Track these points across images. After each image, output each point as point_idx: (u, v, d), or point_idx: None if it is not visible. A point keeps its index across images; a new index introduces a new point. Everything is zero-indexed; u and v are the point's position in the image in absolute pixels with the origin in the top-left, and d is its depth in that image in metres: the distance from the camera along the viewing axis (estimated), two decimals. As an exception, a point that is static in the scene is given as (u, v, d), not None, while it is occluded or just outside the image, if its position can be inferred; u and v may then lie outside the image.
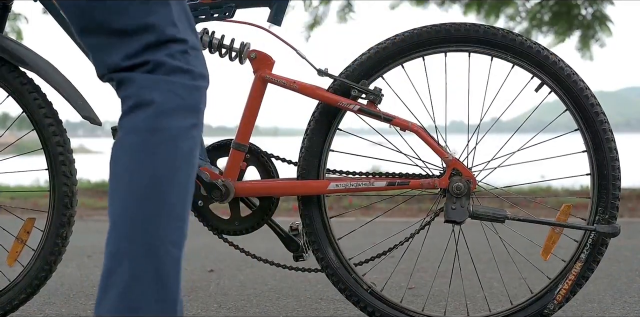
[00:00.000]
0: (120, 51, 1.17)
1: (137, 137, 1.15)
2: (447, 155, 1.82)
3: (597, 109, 1.81)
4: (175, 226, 1.15)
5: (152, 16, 1.17)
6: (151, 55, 1.17)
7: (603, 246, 1.82)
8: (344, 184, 1.84)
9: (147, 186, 1.14)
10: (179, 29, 1.19)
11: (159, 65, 1.17)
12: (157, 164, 1.14)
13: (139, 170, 1.15)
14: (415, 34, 1.84)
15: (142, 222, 1.13)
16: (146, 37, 1.16)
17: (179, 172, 1.16)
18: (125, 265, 1.12)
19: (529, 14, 8.04)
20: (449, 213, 1.80)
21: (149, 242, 1.12)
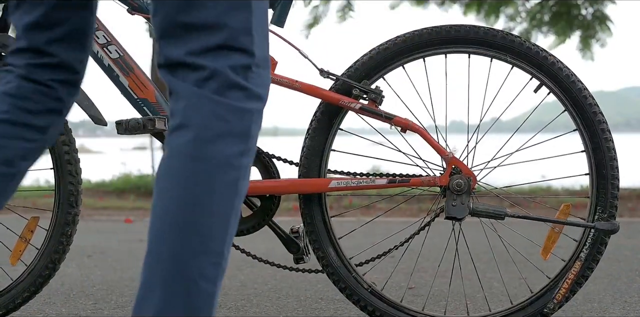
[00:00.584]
0: (183, 46, 1.08)
1: (178, 162, 1.07)
2: (447, 153, 1.83)
3: (595, 109, 1.82)
4: (211, 261, 1.05)
5: (229, 17, 1.07)
6: (212, 61, 1.07)
7: (602, 245, 1.83)
8: (345, 182, 1.85)
9: (183, 215, 1.05)
10: (253, 40, 1.09)
11: (216, 75, 1.07)
12: (196, 193, 1.05)
13: (177, 197, 1.06)
14: (416, 35, 1.86)
15: (176, 253, 1.05)
16: (215, 36, 1.07)
17: (220, 205, 1.06)
18: (156, 296, 1.05)
19: (529, 14, 8.05)
20: (449, 209, 1.80)
21: (180, 275, 1.04)
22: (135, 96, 1.88)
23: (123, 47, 1.92)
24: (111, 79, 1.90)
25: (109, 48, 1.90)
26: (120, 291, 2.57)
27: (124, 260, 3.32)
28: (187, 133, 1.05)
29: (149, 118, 1.84)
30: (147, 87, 1.88)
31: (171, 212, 1.05)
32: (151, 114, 1.87)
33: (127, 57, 1.91)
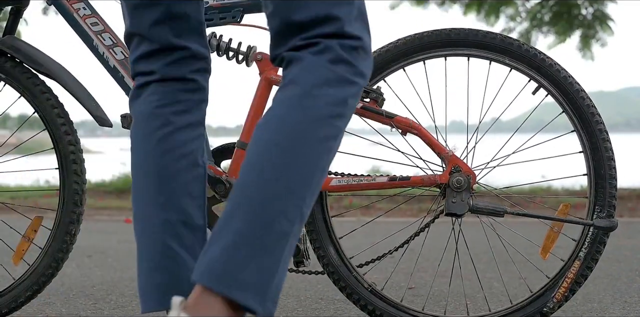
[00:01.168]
0: (296, 38, 1.18)
1: (280, 110, 1.15)
2: (447, 151, 1.83)
3: (592, 110, 1.84)
4: (293, 203, 1.10)
5: (336, 10, 1.17)
6: (324, 40, 1.18)
7: (601, 244, 1.83)
8: (345, 180, 1.85)
9: (276, 156, 1.11)
10: (356, 28, 1.20)
11: (329, 49, 1.17)
12: (290, 139, 1.12)
13: (273, 140, 1.12)
14: (416, 38, 1.88)
15: (263, 188, 1.09)
16: (325, 27, 1.17)
17: (309, 156, 1.12)
18: (235, 225, 1.08)
19: (529, 14, 8.05)
20: (449, 206, 1.81)
21: (263, 208, 1.08)
22: None
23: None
24: (116, 80, 1.91)
25: (115, 50, 1.92)
26: (120, 291, 2.57)
27: (124, 260, 3.33)
28: (295, 88, 1.14)
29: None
30: None
31: (266, 151, 1.12)
32: None
33: None
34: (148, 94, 1.31)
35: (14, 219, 2.23)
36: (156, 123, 1.29)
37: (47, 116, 1.97)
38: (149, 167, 1.28)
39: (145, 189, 1.28)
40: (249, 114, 1.88)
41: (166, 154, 1.28)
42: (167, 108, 1.30)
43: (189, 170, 1.30)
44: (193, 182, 1.30)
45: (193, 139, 1.31)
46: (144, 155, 1.29)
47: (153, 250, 1.27)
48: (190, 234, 1.27)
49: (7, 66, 1.98)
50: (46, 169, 2.08)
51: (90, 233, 4.38)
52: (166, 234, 1.26)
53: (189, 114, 1.32)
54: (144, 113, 1.30)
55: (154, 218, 1.27)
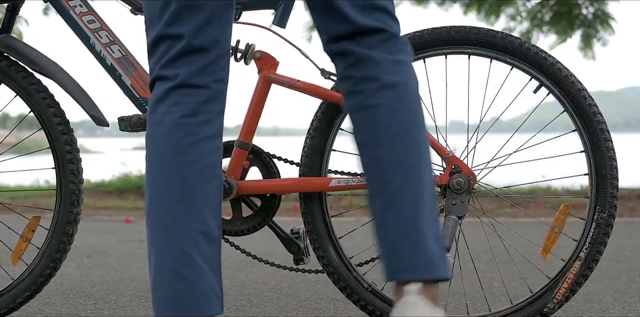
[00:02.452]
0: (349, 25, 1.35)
1: (400, 106, 1.35)
2: (447, 152, 1.83)
3: (594, 109, 1.83)
4: (429, 170, 1.39)
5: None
6: (385, 25, 1.37)
7: (602, 245, 1.83)
8: (345, 181, 1.85)
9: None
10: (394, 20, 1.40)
11: (395, 37, 1.38)
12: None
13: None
14: (416, 36, 1.86)
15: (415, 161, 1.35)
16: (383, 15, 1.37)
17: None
18: (399, 215, 1.34)
19: (530, 13, 8.04)
20: (449, 208, 1.81)
21: (413, 187, 1.34)
22: (138, 95, 1.88)
23: (126, 47, 1.93)
24: (114, 78, 1.90)
25: (112, 48, 1.90)
26: (120, 291, 2.57)
27: (124, 260, 3.32)
28: (393, 90, 1.35)
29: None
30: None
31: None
32: None
33: (130, 57, 1.92)
34: (171, 104, 1.31)
35: (13, 219, 2.22)
36: (180, 133, 1.29)
37: (43, 116, 1.96)
38: (172, 176, 1.29)
39: (167, 198, 1.29)
40: (248, 113, 1.87)
41: (190, 164, 1.29)
42: (191, 118, 1.30)
43: (209, 181, 1.31)
44: (212, 193, 1.31)
45: (213, 150, 1.33)
46: (167, 164, 1.30)
47: (173, 259, 1.27)
48: (208, 244, 1.29)
49: (2, 65, 1.98)
50: (42, 169, 2.08)
51: (90, 233, 4.38)
52: (187, 244, 1.27)
53: (210, 125, 1.32)
54: (167, 122, 1.31)
55: (175, 227, 1.28)
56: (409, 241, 1.30)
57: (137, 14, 1.91)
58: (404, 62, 1.37)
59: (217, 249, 1.32)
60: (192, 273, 1.26)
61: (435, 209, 1.36)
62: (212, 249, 1.30)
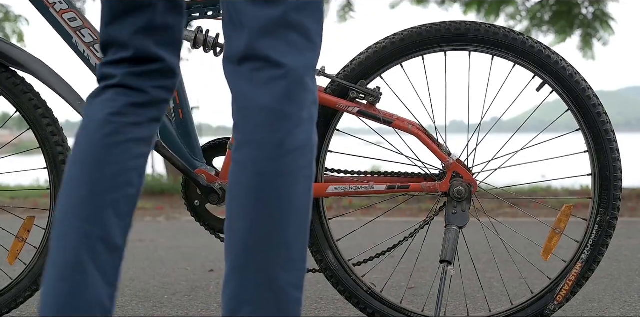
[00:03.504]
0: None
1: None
2: (448, 158, 1.81)
3: (599, 109, 1.80)
4: (296, 268, 1.15)
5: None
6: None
7: (604, 246, 1.82)
8: (343, 187, 1.82)
9: (265, 230, 1.15)
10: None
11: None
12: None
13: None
14: (414, 33, 1.81)
15: (263, 267, 1.13)
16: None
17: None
18: (249, 309, 1.12)
19: (530, 13, 8.03)
20: (449, 218, 1.79)
21: (271, 287, 1.13)
22: None
23: None
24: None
25: (96, 47, 1.84)
26: (120, 291, 2.55)
27: (124, 260, 3.32)
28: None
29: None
30: None
31: (254, 227, 1.13)
32: None
33: None
34: (104, 100, 1.26)
35: (11, 219, 2.22)
36: (106, 130, 1.24)
37: (30, 117, 1.92)
38: (87, 175, 1.23)
39: (76, 195, 1.23)
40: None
41: (108, 165, 1.23)
42: (120, 118, 1.25)
43: (124, 187, 1.24)
44: (123, 201, 1.24)
45: (136, 156, 1.26)
46: (85, 162, 1.24)
47: (64, 260, 1.20)
48: (106, 252, 1.22)
49: None
50: (35, 170, 2.07)
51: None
52: (82, 248, 1.20)
53: (138, 129, 1.26)
54: (97, 117, 1.25)
55: (74, 228, 1.21)
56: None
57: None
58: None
59: (118, 261, 1.24)
60: (79, 277, 1.19)
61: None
62: (110, 259, 1.23)
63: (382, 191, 1.83)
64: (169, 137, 1.84)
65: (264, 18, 1.12)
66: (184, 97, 1.87)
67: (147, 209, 6.11)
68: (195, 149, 1.86)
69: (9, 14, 8.63)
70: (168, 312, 2.23)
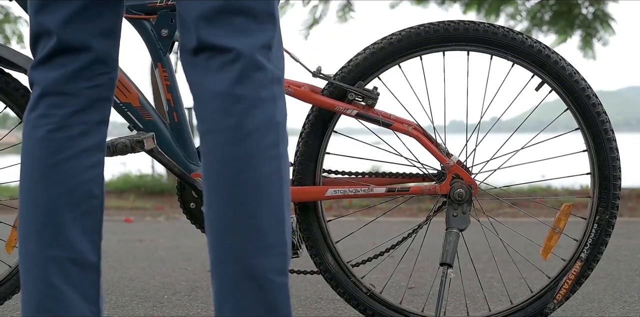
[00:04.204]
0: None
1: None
2: (448, 161, 1.81)
3: (598, 108, 1.80)
4: (275, 253, 1.12)
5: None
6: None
7: (603, 245, 1.82)
8: (342, 191, 1.82)
9: (236, 216, 1.13)
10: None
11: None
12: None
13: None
14: (412, 33, 1.80)
15: (239, 256, 1.11)
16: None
17: (269, 196, 1.14)
18: (233, 299, 1.10)
19: (530, 13, 8.04)
20: (450, 220, 1.79)
21: (250, 275, 1.10)
22: (119, 101, 1.81)
23: None
24: None
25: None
26: (120, 291, 2.57)
27: (124, 260, 3.32)
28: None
29: (137, 139, 1.75)
30: (131, 91, 1.81)
31: (225, 215, 1.11)
32: (135, 119, 1.82)
33: None
34: (39, 115, 1.19)
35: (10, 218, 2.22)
36: (47, 150, 1.17)
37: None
38: (37, 198, 1.17)
39: (32, 222, 1.18)
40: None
41: (55, 185, 1.17)
42: (60, 133, 1.18)
43: (81, 203, 1.19)
44: (85, 216, 1.20)
45: (89, 166, 1.21)
46: (33, 185, 1.18)
47: (37, 290, 1.16)
48: (80, 272, 1.18)
49: None
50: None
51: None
52: (51, 273, 1.16)
53: (85, 138, 1.20)
54: (35, 137, 1.18)
55: (38, 255, 1.16)
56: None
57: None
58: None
59: (94, 276, 1.20)
60: (57, 306, 1.16)
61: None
62: (86, 277, 1.19)
63: (381, 193, 1.83)
64: (165, 142, 1.83)
65: (206, 7, 1.10)
66: (178, 100, 1.85)
67: (147, 209, 6.12)
68: (190, 152, 1.85)
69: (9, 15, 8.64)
70: (168, 312, 2.23)
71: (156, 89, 1.74)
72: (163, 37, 1.81)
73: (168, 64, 1.83)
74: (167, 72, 1.82)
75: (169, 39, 1.82)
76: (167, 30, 1.81)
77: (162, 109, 1.87)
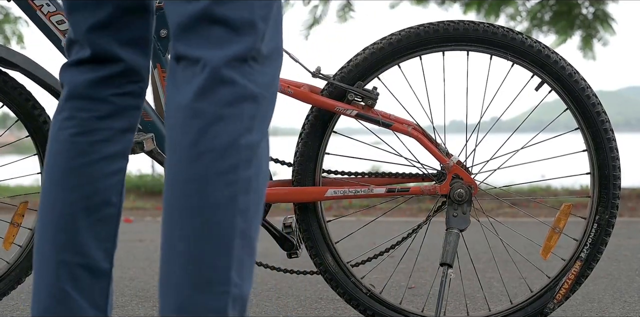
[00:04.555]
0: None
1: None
2: (448, 161, 1.81)
3: (598, 108, 1.80)
4: (214, 291, 1.01)
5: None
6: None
7: (603, 245, 1.82)
8: (342, 191, 1.81)
9: (189, 245, 1.03)
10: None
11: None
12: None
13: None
14: (412, 33, 1.80)
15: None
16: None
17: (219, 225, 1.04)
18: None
19: (530, 13, 8.04)
20: (450, 221, 1.79)
21: (187, 311, 1.00)
22: None
23: None
24: None
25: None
26: (120, 291, 2.57)
27: (124, 260, 3.32)
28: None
29: (137, 141, 1.75)
30: None
31: (167, 239, 1.02)
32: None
33: None
34: (65, 118, 1.18)
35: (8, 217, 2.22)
36: (70, 153, 1.16)
37: (24, 114, 1.94)
38: (54, 200, 1.16)
39: (48, 223, 1.17)
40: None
41: (74, 189, 1.16)
42: (84, 137, 1.16)
43: (98, 210, 1.17)
44: (100, 223, 1.17)
45: (109, 173, 1.18)
46: (51, 186, 1.17)
47: (47, 293, 1.15)
48: (90, 278, 1.16)
49: None
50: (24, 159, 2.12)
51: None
52: (61, 277, 1.14)
53: (108, 144, 1.18)
54: (60, 139, 1.17)
55: (50, 258, 1.15)
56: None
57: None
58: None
59: (105, 284, 1.18)
60: (64, 310, 1.14)
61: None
62: (96, 284, 1.17)
63: (381, 193, 1.82)
64: (163, 143, 1.83)
65: (184, 15, 1.04)
66: None
67: (147, 209, 6.12)
68: None
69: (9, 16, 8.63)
70: (168, 312, 2.23)
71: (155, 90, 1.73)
72: (162, 38, 1.81)
73: (167, 64, 1.83)
74: (166, 72, 1.82)
75: (167, 40, 1.82)
76: (166, 30, 1.81)
77: (161, 110, 1.87)
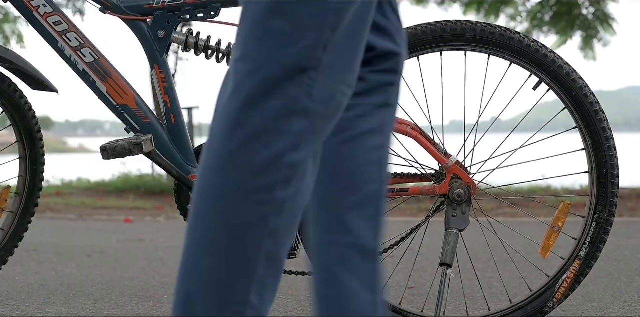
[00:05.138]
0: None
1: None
2: (447, 161, 1.81)
3: (596, 107, 1.80)
4: (229, 310, 0.95)
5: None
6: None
7: (602, 243, 1.83)
8: None
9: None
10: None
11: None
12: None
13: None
14: (410, 33, 1.80)
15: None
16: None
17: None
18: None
19: (530, 13, 8.05)
20: (449, 221, 1.79)
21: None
22: (115, 103, 1.80)
23: (98, 50, 1.82)
24: (88, 84, 1.81)
25: (83, 51, 1.80)
26: (120, 291, 2.57)
27: (124, 260, 3.32)
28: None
29: (136, 142, 1.75)
30: (127, 93, 1.81)
31: (189, 250, 0.97)
32: (132, 121, 1.81)
33: (103, 61, 1.82)
34: (363, 111, 1.15)
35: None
36: (338, 128, 1.09)
37: (19, 112, 2.04)
38: (318, 180, 1.06)
39: (314, 206, 1.11)
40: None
41: (338, 167, 1.10)
42: (346, 112, 1.10)
43: (362, 187, 1.11)
44: (366, 200, 1.12)
45: (370, 149, 1.13)
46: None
47: (317, 275, 1.09)
48: (360, 258, 1.10)
49: None
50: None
51: (89, 233, 4.38)
52: (331, 259, 1.09)
53: (365, 119, 1.13)
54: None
55: (316, 240, 1.10)
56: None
57: (106, 13, 1.81)
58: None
59: (373, 264, 1.13)
60: (335, 293, 1.08)
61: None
62: (366, 264, 1.11)
63: None
64: (162, 144, 1.82)
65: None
66: (175, 101, 1.84)
67: (147, 209, 6.12)
68: (188, 154, 1.84)
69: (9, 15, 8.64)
70: (168, 312, 2.24)
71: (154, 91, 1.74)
72: (160, 39, 1.81)
73: (165, 65, 1.83)
74: (164, 73, 1.82)
75: (165, 41, 1.81)
76: (164, 31, 1.81)
77: (159, 111, 1.87)
